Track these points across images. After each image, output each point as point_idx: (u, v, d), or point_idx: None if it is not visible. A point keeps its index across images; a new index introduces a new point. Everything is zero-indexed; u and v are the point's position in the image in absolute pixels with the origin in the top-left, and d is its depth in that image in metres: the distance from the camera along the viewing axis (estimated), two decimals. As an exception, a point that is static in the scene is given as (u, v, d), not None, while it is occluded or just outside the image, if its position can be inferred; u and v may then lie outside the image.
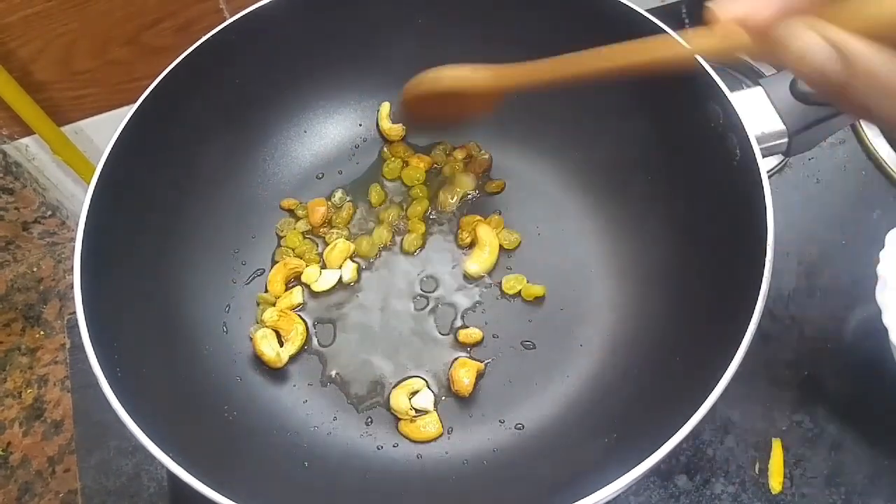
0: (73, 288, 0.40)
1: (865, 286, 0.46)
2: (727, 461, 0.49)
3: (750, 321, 0.35)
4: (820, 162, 0.61)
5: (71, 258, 0.41)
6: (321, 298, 0.52)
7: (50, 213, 0.80)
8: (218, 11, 0.68)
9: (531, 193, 0.55)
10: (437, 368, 0.49)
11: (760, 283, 0.36)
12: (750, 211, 0.39)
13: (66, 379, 0.76)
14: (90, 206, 0.43)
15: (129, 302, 0.44)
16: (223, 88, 0.52)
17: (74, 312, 0.39)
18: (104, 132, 0.76)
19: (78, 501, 0.52)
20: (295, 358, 0.50)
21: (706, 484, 0.48)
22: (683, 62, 0.32)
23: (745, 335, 0.35)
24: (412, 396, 0.47)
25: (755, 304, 0.36)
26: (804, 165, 0.61)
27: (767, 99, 0.43)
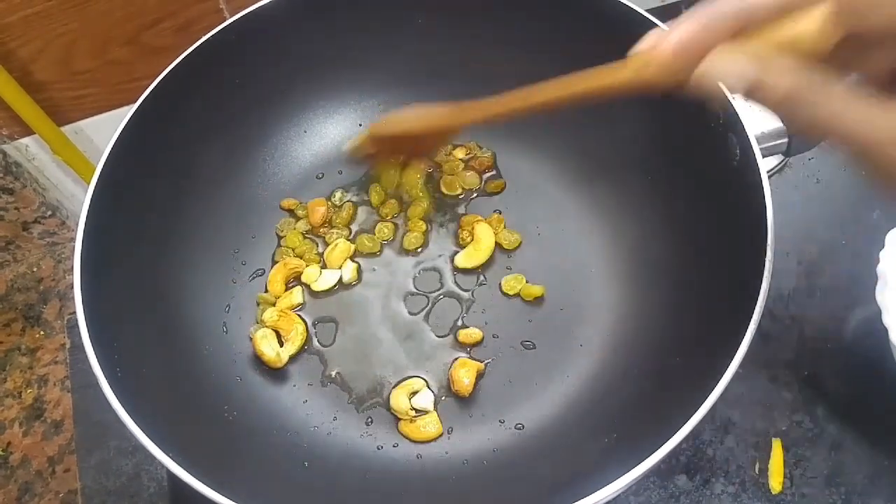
0: (73, 288, 0.40)
1: (865, 286, 0.46)
2: (727, 461, 0.49)
3: (750, 321, 0.35)
4: (820, 162, 0.61)
5: (71, 258, 0.41)
6: (321, 298, 0.52)
7: (50, 213, 0.80)
8: (218, 11, 0.68)
9: (531, 193, 0.55)
10: (437, 368, 0.49)
11: (760, 283, 0.36)
12: (750, 211, 0.39)
13: (66, 379, 0.76)
14: (90, 206, 0.43)
15: (129, 302, 0.44)
16: (223, 88, 0.52)
17: (74, 312, 0.39)
18: (104, 132, 0.76)
19: (78, 501, 0.52)
20: (295, 358, 0.50)
21: (706, 484, 0.48)
22: (637, 89, 0.32)
23: (745, 335, 0.35)
24: (412, 396, 0.47)
25: (755, 303, 0.36)
26: (804, 165, 0.61)
27: (767, 99, 0.43)
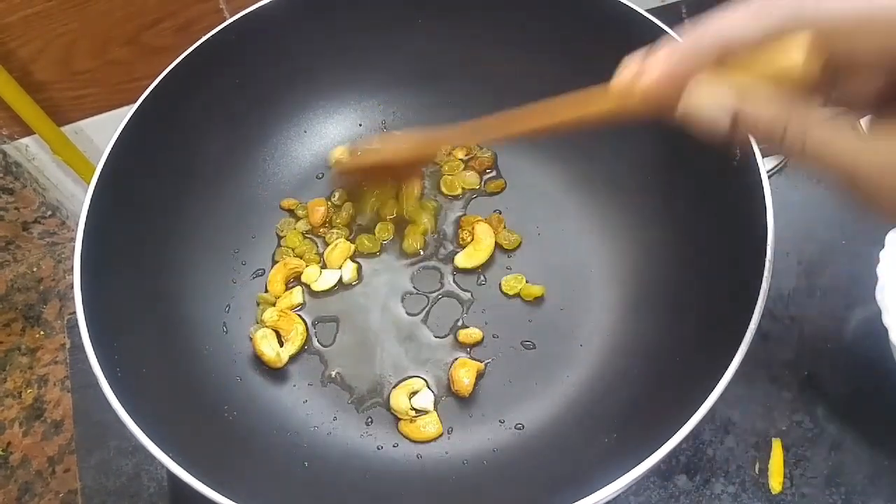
0: (73, 288, 0.40)
1: (865, 286, 0.46)
2: (727, 461, 0.49)
3: (750, 321, 0.35)
4: (820, 162, 0.61)
5: (71, 258, 0.41)
6: (321, 298, 0.52)
7: (50, 213, 0.80)
8: (218, 11, 0.68)
9: (531, 193, 0.55)
10: (437, 368, 0.49)
11: (760, 282, 0.36)
12: (750, 211, 0.39)
13: (66, 379, 0.76)
14: (90, 206, 0.43)
15: (129, 302, 0.44)
16: (223, 88, 0.52)
17: (74, 312, 0.39)
18: (104, 132, 0.76)
19: (78, 501, 0.52)
20: (295, 358, 0.50)
21: (706, 484, 0.48)
22: (622, 118, 0.31)
23: (745, 335, 0.35)
24: (412, 396, 0.47)
25: (755, 303, 0.36)
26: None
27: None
